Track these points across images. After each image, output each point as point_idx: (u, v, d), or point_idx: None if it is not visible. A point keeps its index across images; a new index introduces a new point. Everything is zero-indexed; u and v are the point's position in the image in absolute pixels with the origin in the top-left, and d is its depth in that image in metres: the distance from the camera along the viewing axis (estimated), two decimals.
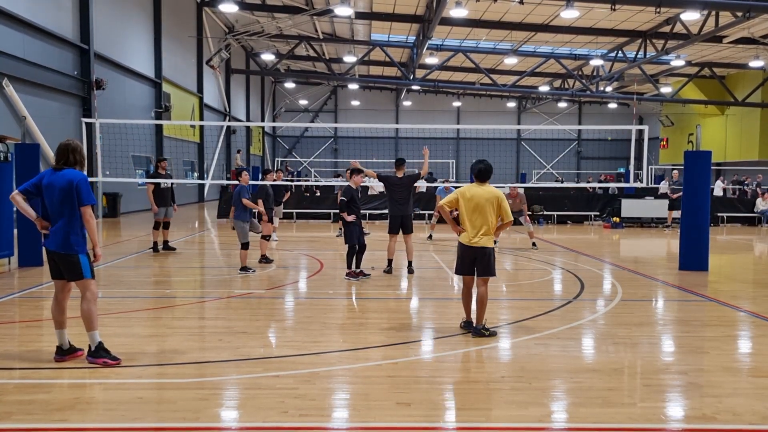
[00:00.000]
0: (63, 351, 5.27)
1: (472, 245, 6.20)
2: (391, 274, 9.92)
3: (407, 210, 10.02)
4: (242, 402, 4.46)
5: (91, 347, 5.19)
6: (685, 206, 10.83)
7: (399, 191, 10.02)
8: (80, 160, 5.30)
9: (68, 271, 5.21)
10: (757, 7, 18.64)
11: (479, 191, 6.22)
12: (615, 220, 19.74)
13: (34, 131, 16.23)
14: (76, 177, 5.16)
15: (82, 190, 5.12)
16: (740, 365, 5.55)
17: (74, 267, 5.17)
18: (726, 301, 8.20)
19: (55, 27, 17.55)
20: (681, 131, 39.56)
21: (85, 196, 5.13)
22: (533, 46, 30.65)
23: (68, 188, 5.11)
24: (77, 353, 5.32)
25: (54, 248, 5.15)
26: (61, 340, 5.27)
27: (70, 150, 5.26)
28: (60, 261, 5.19)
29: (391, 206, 10.09)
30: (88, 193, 5.16)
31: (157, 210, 12.16)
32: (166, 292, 8.85)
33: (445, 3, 20.54)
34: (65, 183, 5.12)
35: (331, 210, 21.01)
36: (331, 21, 29.57)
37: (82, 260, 5.17)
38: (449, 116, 48.83)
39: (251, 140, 40.97)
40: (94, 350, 5.17)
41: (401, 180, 10.09)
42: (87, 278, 5.21)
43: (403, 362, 5.41)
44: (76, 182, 5.12)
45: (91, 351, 5.18)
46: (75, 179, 5.14)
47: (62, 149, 5.27)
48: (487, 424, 4.11)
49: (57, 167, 5.23)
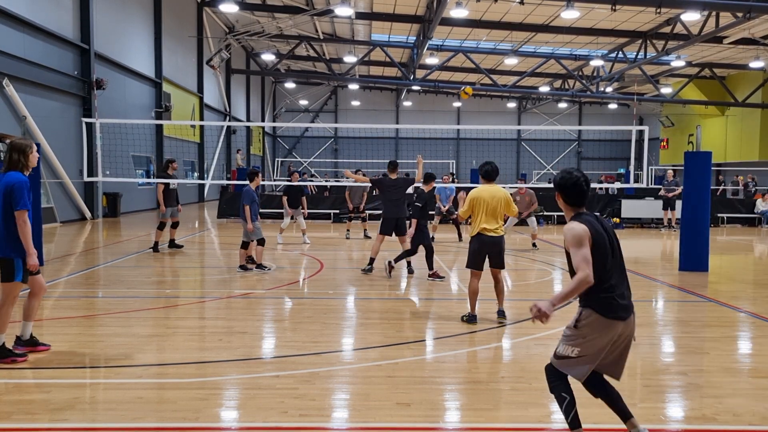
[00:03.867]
0: (21, 342, 5.40)
1: (493, 234, 6.74)
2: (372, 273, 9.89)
3: (402, 212, 10.02)
4: (242, 402, 4.47)
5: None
6: (685, 207, 10.83)
7: (393, 193, 10.01)
8: (23, 161, 5.15)
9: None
10: (757, 8, 18.64)
11: (490, 190, 6.81)
12: (615, 220, 19.74)
13: (35, 131, 16.23)
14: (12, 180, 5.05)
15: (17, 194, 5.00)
16: (740, 366, 5.55)
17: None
18: (726, 301, 8.20)
19: (56, 27, 17.54)
20: (681, 132, 39.55)
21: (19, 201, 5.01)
22: (533, 47, 30.65)
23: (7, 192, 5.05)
24: (42, 347, 5.48)
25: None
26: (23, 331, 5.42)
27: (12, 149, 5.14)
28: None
29: (386, 208, 10.09)
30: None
31: (165, 210, 12.21)
32: (166, 292, 8.85)
33: (446, 3, 20.54)
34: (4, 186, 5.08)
35: (332, 210, 20.99)
36: (331, 21, 29.57)
37: (15, 263, 5.12)
38: (449, 116, 48.83)
39: (251, 140, 40.97)
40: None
41: (395, 182, 10.09)
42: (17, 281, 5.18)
43: (403, 362, 5.41)
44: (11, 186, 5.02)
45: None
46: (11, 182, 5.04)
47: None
48: (487, 424, 4.11)
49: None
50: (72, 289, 8.61)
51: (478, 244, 6.78)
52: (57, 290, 8.60)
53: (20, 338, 5.43)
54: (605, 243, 3.51)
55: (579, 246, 3.42)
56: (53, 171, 17.43)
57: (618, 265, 3.58)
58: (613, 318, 3.47)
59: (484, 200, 6.72)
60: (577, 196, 3.61)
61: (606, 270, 3.48)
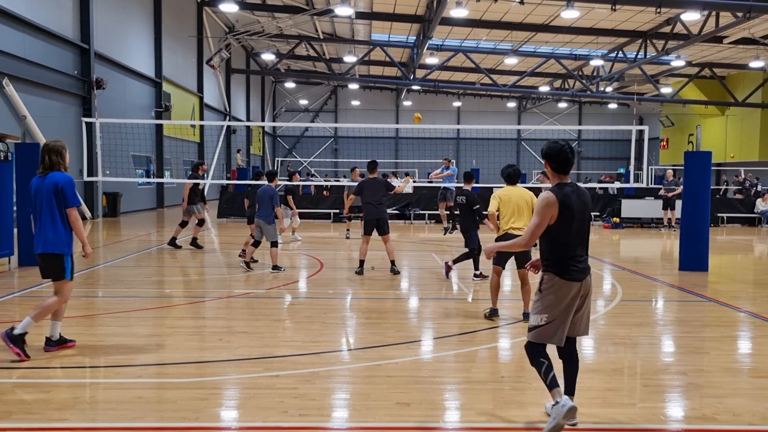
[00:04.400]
0: (53, 342, 5.46)
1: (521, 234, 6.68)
2: (374, 272, 9.92)
3: (382, 212, 9.99)
4: (242, 402, 4.47)
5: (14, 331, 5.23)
6: (685, 207, 10.83)
7: (372, 193, 9.97)
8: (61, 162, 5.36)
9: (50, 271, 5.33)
10: (757, 8, 18.64)
11: (515, 191, 6.92)
12: (615, 220, 19.73)
13: (35, 130, 16.23)
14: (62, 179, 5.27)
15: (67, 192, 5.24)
16: (740, 366, 5.55)
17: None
18: (726, 301, 8.20)
19: (56, 26, 17.55)
20: (681, 131, 39.54)
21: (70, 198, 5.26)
22: (533, 47, 30.64)
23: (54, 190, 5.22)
24: (68, 344, 5.54)
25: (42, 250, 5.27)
26: (52, 331, 5.48)
27: (46, 151, 5.34)
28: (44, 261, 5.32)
29: (366, 209, 10.07)
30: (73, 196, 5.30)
31: (186, 207, 12.90)
32: (166, 291, 8.85)
33: (446, 3, 20.54)
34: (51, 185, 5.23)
35: (332, 210, 20.98)
36: (331, 21, 29.56)
37: (65, 262, 5.30)
38: (449, 116, 48.83)
39: (251, 140, 40.97)
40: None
41: (374, 181, 10.08)
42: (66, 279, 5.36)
43: (403, 362, 5.41)
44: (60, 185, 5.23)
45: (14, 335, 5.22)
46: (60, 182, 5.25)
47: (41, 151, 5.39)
48: (487, 424, 4.11)
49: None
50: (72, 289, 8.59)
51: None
52: None
53: (50, 339, 5.47)
54: (574, 213, 3.89)
55: (540, 215, 3.90)
56: None
57: (584, 232, 4.00)
58: (570, 279, 3.90)
59: (511, 198, 6.84)
60: (562, 163, 3.98)
61: (571, 236, 3.92)
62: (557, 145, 3.98)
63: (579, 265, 3.92)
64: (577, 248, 3.94)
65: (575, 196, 3.90)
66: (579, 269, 3.91)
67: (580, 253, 3.95)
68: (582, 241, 3.98)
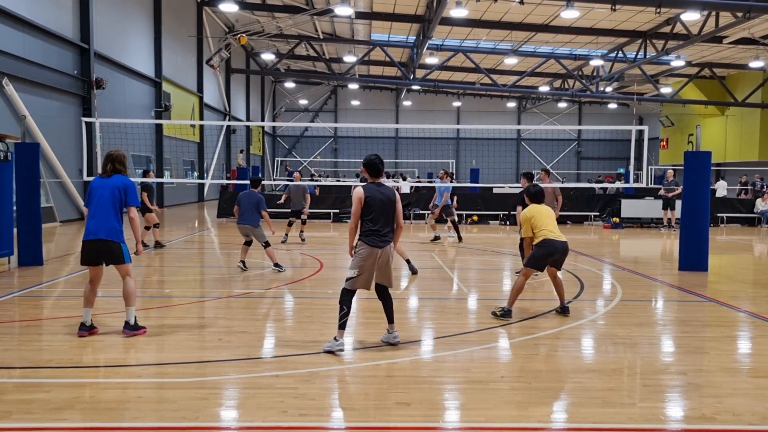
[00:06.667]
0: (86, 327, 6.01)
1: (563, 240, 7.16)
2: None
3: None
4: (242, 401, 4.47)
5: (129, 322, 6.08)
6: (685, 207, 10.83)
7: None
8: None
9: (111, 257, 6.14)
10: (757, 8, 18.64)
11: (541, 208, 7.35)
12: (615, 220, 19.74)
13: (34, 130, 16.23)
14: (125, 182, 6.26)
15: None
16: (740, 366, 5.55)
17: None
18: (726, 301, 8.20)
19: (56, 26, 17.54)
20: (681, 131, 39.56)
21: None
22: (533, 47, 30.65)
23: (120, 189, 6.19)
24: (95, 330, 6.09)
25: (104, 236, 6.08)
26: (86, 317, 6.04)
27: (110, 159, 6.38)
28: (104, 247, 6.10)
29: None
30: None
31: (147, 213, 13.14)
32: (166, 291, 8.85)
33: (446, 3, 20.54)
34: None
35: (331, 210, 20.98)
36: (331, 21, 29.57)
37: (123, 248, 6.20)
38: (449, 116, 48.83)
39: (251, 140, 40.96)
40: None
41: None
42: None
43: (403, 362, 5.41)
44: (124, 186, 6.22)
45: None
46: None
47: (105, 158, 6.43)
48: (486, 424, 4.11)
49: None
50: (72, 289, 8.60)
51: (550, 248, 7.06)
52: (57, 290, 8.61)
53: (84, 324, 6.00)
54: (375, 202, 5.62)
55: (354, 204, 5.69)
56: (53, 170, 17.43)
57: (386, 216, 5.68)
58: (373, 246, 5.62)
59: (540, 212, 7.23)
60: (374, 171, 5.82)
61: (375, 217, 5.63)
62: (372, 157, 5.83)
63: (381, 237, 5.62)
64: (380, 226, 5.60)
65: (377, 191, 5.66)
66: (381, 240, 5.61)
67: (383, 229, 5.62)
68: (386, 222, 5.64)
